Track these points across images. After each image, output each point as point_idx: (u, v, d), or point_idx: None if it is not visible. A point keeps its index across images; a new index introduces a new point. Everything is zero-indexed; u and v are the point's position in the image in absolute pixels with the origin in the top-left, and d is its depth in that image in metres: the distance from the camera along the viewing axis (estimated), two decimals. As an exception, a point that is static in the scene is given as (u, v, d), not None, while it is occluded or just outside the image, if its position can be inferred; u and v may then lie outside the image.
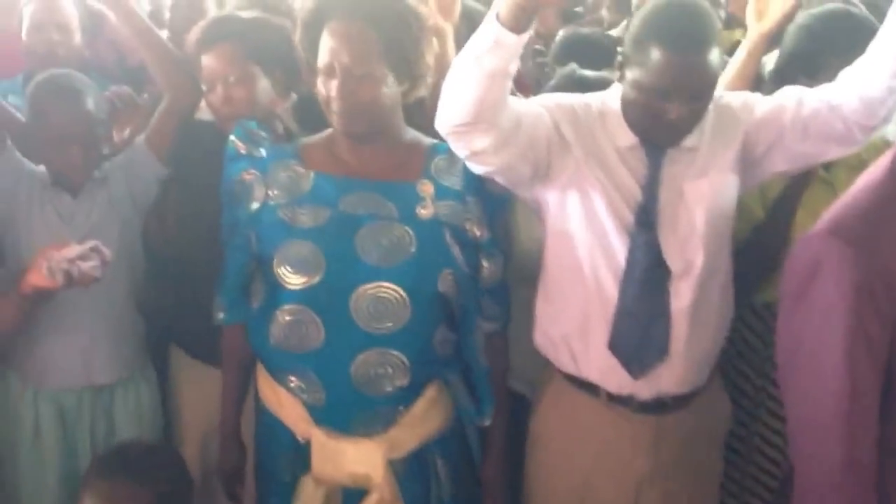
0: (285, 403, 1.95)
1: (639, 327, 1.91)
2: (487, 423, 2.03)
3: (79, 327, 2.25)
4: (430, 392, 1.95)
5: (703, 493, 2.12)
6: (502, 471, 2.10)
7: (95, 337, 2.27)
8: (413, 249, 1.86)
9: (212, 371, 2.22)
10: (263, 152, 1.95)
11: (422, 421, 1.95)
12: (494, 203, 1.97)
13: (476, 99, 1.68)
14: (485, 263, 1.97)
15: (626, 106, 1.87)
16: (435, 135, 1.86)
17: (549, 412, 2.08)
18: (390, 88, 1.85)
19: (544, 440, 2.09)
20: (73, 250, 1.95)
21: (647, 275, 1.89)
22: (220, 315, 2.05)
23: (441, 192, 1.92)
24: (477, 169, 1.84)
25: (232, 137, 1.99)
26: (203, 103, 2.30)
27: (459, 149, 1.80)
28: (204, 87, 2.24)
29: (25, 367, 2.27)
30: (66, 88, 2.23)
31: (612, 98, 1.92)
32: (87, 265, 1.95)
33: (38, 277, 1.95)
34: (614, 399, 1.98)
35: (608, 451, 2.01)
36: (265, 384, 2.00)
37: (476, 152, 1.77)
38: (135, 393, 2.34)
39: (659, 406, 1.98)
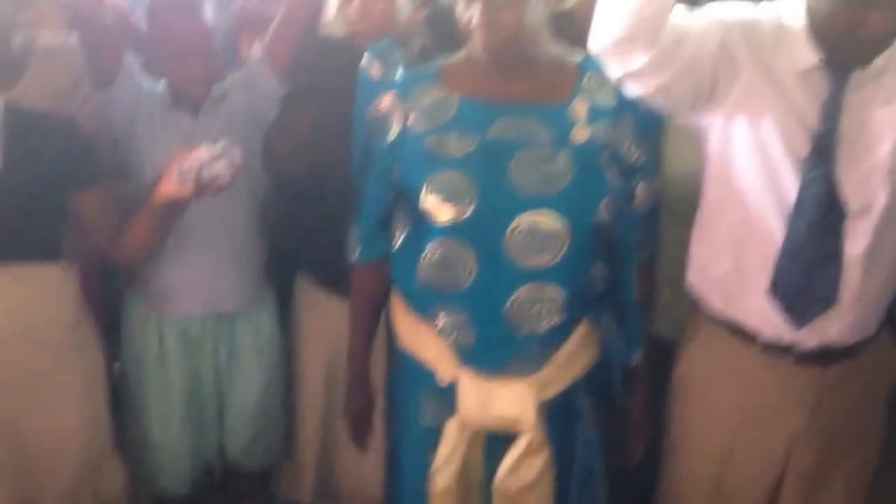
0: (428, 344, 1.84)
1: (805, 272, 1.75)
2: (636, 360, 1.92)
3: (204, 254, 2.20)
4: (581, 330, 1.84)
5: (862, 455, 1.97)
6: (648, 412, 2.00)
7: (220, 264, 2.22)
8: (571, 176, 1.73)
9: (339, 303, 2.15)
10: (400, 75, 1.83)
11: (572, 360, 1.84)
12: (648, 123, 1.83)
13: (634, 12, 1.55)
14: (639, 188, 1.84)
15: (816, 17, 1.68)
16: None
17: (696, 358, 1.96)
18: (536, 7, 1.71)
19: (690, 388, 1.97)
20: (204, 153, 1.88)
21: (820, 213, 1.72)
22: (357, 251, 1.94)
23: (594, 113, 1.78)
24: (632, 90, 1.70)
25: (366, 59, 1.86)
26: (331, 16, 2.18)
27: (614, 68, 1.67)
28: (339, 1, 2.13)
29: (150, 293, 2.24)
30: (185, 1, 2.16)
31: (789, 14, 1.74)
32: (218, 167, 1.87)
33: (169, 186, 1.89)
34: (771, 348, 1.84)
35: (761, 403, 1.88)
36: (405, 323, 1.90)
37: (632, 72, 1.65)
38: (256, 322, 2.30)
39: (821, 357, 1.83)
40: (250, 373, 2.31)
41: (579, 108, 1.77)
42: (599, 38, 1.64)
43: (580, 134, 1.75)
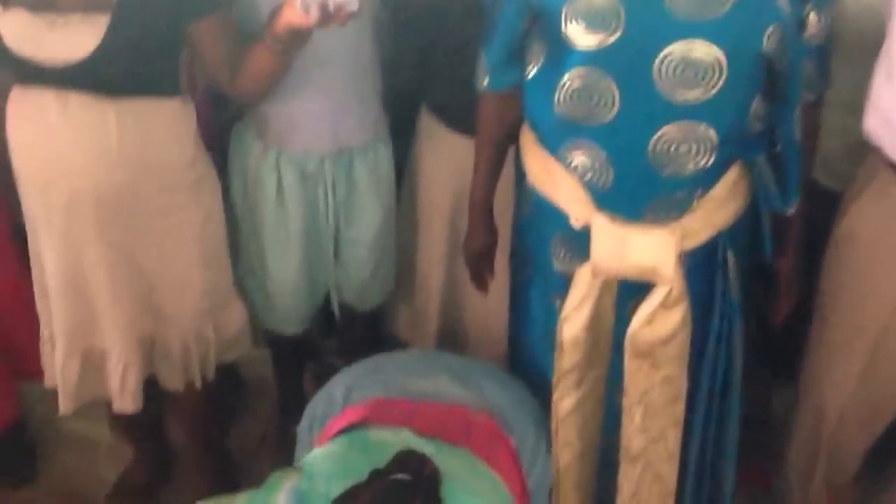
0: (562, 184, 1.71)
1: None
2: (792, 211, 1.76)
3: (327, 87, 2.08)
4: (732, 174, 1.67)
5: None
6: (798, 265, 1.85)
7: (344, 97, 2.11)
8: (731, 1, 1.51)
9: (463, 140, 2.03)
10: None
11: (718, 208, 1.68)
12: None
13: None
14: (812, 17, 1.62)
15: None
16: None
17: (866, 212, 1.77)
18: None
19: (857, 244, 1.80)
20: None
21: None
22: (485, 80, 1.79)
23: None
24: None
25: None
26: None
27: None
28: None
29: (271, 128, 2.14)
30: None
31: None
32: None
33: (292, 14, 1.76)
34: None
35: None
36: (536, 161, 1.76)
37: None
38: (374, 157, 2.21)
39: None
40: (367, 209, 2.23)
41: None
42: None
43: None
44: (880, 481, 2.18)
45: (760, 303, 1.89)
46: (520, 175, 1.86)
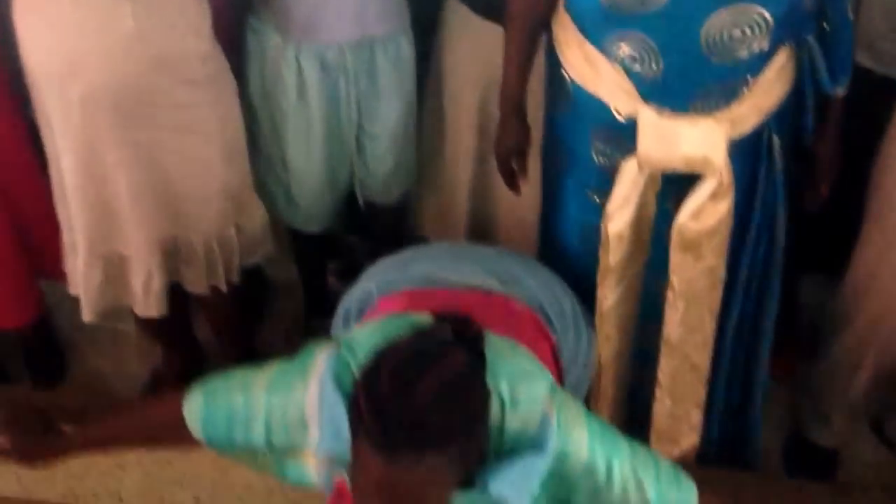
0: (606, 76, 1.65)
1: None
2: (842, 92, 1.71)
3: None
4: (781, 57, 1.62)
5: None
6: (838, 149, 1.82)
7: None
8: None
9: (492, 29, 1.95)
10: None
11: (767, 93, 1.64)
12: None
13: None
14: None
15: None
16: None
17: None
18: None
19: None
20: None
21: None
22: None
23: None
24: None
25: None
26: None
27: None
28: None
29: (290, 20, 2.05)
30: None
31: None
32: None
33: None
34: None
35: None
36: (575, 52, 1.69)
37: None
38: (396, 48, 2.13)
39: None
40: (389, 102, 2.17)
41: None
42: None
43: None
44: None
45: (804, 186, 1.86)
46: (554, 67, 1.79)
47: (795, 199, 1.86)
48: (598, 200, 1.78)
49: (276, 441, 1.40)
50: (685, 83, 1.60)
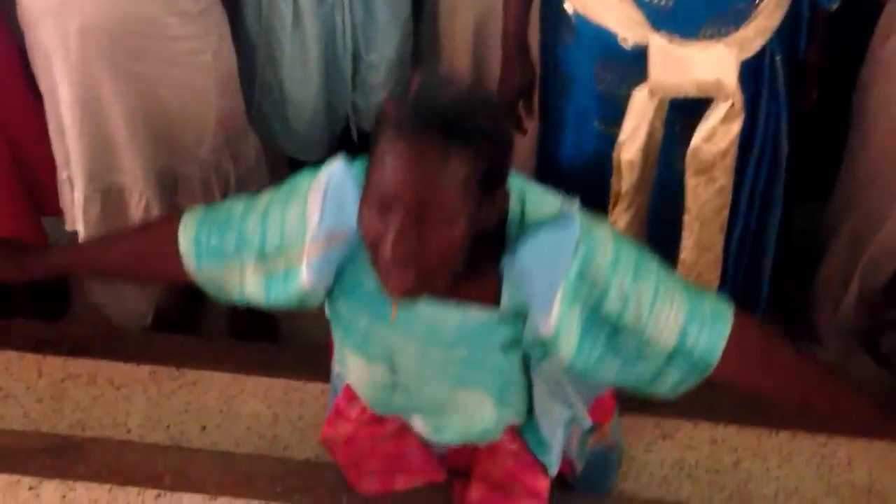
0: (613, 6, 1.65)
1: None
2: (835, 5, 1.73)
3: None
4: None
5: None
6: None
7: None
8: None
9: None
10: None
11: (772, 13, 1.66)
12: None
13: None
14: None
15: None
16: None
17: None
18: None
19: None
20: None
21: None
22: None
23: None
24: None
25: None
26: None
27: None
28: None
29: None
30: None
31: None
32: None
33: None
34: None
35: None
36: None
37: None
38: None
39: None
40: (385, 32, 2.16)
41: None
42: None
43: None
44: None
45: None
46: (554, 1, 1.77)
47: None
48: (602, 128, 1.79)
49: (270, 241, 1.34)
50: (695, 10, 1.60)
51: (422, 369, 1.37)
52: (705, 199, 1.77)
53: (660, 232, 1.88)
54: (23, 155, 2.18)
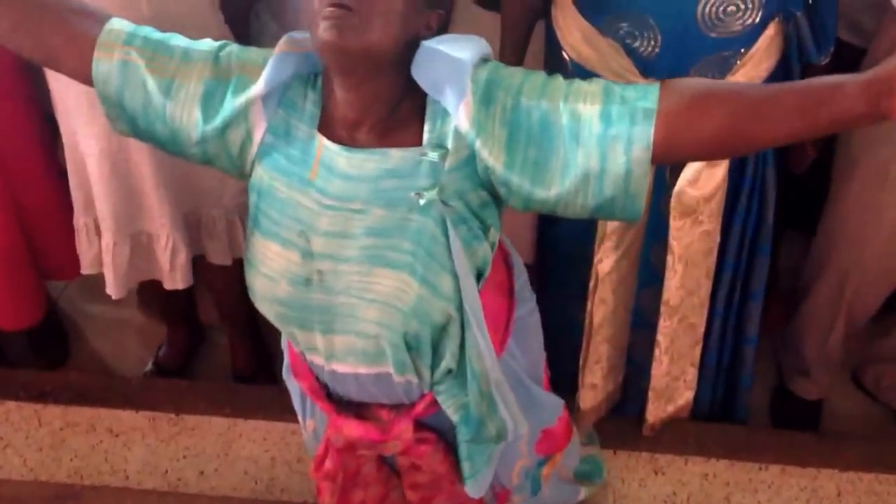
0: (605, 54, 1.67)
1: None
2: (825, 60, 1.75)
3: None
4: (771, 30, 1.66)
5: None
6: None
7: None
8: None
9: (490, 16, 1.91)
10: None
11: (758, 64, 1.68)
12: None
13: None
14: None
15: None
16: None
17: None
18: None
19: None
20: None
21: None
22: None
23: None
24: None
25: None
26: None
27: None
28: None
29: (288, 10, 2.01)
30: None
31: None
32: None
33: None
34: None
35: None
36: (575, 33, 1.72)
37: None
38: None
39: None
40: None
41: None
42: None
43: None
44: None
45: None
46: (553, 49, 1.81)
47: (782, 160, 1.91)
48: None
49: (227, 51, 1.35)
50: (683, 57, 1.62)
51: (337, 247, 1.32)
52: (690, 241, 1.78)
53: (651, 277, 1.89)
54: (32, 217, 2.21)
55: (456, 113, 1.24)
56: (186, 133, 1.34)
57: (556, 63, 1.79)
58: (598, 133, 1.19)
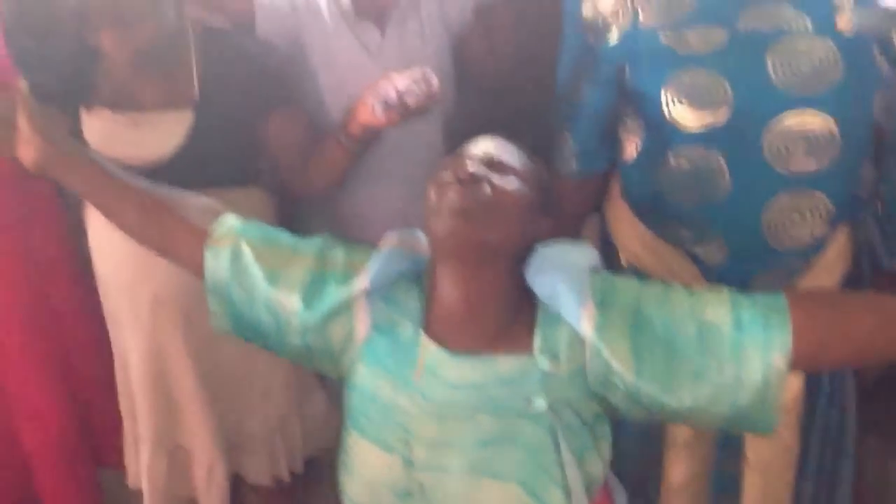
0: (668, 260, 1.65)
1: None
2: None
3: (395, 177, 2.01)
4: (841, 237, 1.62)
5: None
6: None
7: (412, 187, 1.99)
8: (839, 70, 1.47)
9: None
10: None
11: (829, 272, 1.63)
12: None
13: None
14: None
15: None
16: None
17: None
18: None
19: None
20: (402, 80, 1.69)
21: None
22: (572, 165, 1.73)
23: None
24: None
25: None
26: None
27: None
28: None
29: (338, 221, 2.07)
30: None
31: None
32: (417, 91, 1.68)
33: (367, 115, 1.71)
34: None
35: None
36: (634, 237, 1.70)
37: None
38: None
39: None
40: None
41: None
42: None
43: (844, 21, 1.49)
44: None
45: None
46: (606, 248, 1.79)
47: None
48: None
49: (330, 247, 1.39)
50: (749, 266, 1.59)
51: (441, 456, 1.25)
52: (767, 455, 1.70)
53: (724, 487, 1.80)
54: (89, 406, 2.22)
55: (577, 320, 1.21)
56: (287, 321, 1.35)
57: (610, 263, 1.77)
58: (730, 341, 1.17)
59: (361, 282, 1.31)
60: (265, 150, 1.91)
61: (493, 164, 1.28)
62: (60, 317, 2.17)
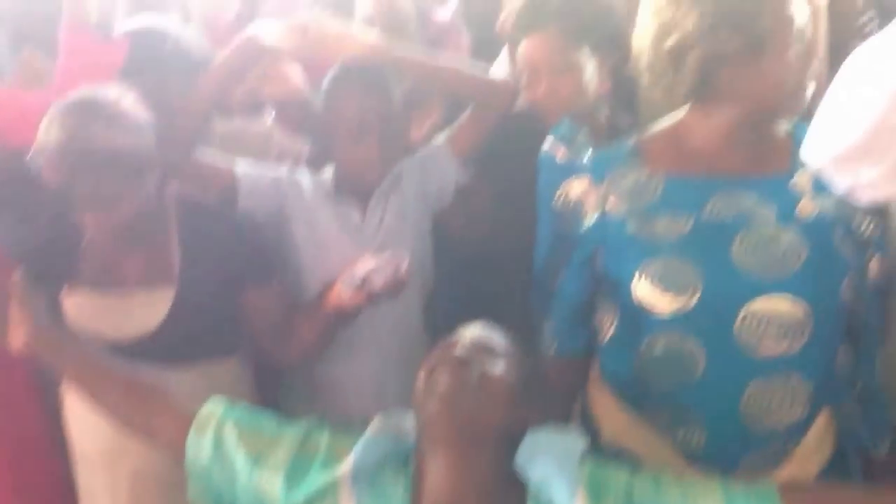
0: (646, 441, 1.62)
1: None
2: (884, 450, 1.68)
3: (370, 352, 2.01)
4: (822, 421, 1.60)
5: None
6: None
7: (387, 362, 2.02)
8: (804, 256, 1.49)
9: None
10: (590, 157, 1.62)
11: (812, 455, 1.61)
12: None
13: (873, 125, 1.28)
14: (872, 262, 1.59)
15: None
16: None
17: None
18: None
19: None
20: (374, 262, 1.74)
21: None
22: (553, 347, 1.73)
23: (819, 184, 1.52)
24: (861, 199, 1.41)
25: (549, 143, 1.67)
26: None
27: (838, 181, 1.40)
28: (522, 77, 1.95)
29: (312, 394, 2.06)
30: (369, 75, 1.92)
31: None
32: (389, 273, 1.73)
33: (341, 296, 1.75)
34: None
35: None
36: (614, 419, 1.68)
37: (863, 184, 1.37)
38: None
39: None
40: None
41: (802, 181, 1.54)
42: (821, 149, 1.38)
43: (807, 208, 1.52)
44: None
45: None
46: (587, 427, 1.76)
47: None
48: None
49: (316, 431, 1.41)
50: (729, 449, 1.57)
51: None
52: None
53: None
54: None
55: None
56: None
57: (591, 442, 1.74)
58: None
59: (345, 466, 1.31)
60: (245, 322, 1.92)
61: (482, 349, 1.31)
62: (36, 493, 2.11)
